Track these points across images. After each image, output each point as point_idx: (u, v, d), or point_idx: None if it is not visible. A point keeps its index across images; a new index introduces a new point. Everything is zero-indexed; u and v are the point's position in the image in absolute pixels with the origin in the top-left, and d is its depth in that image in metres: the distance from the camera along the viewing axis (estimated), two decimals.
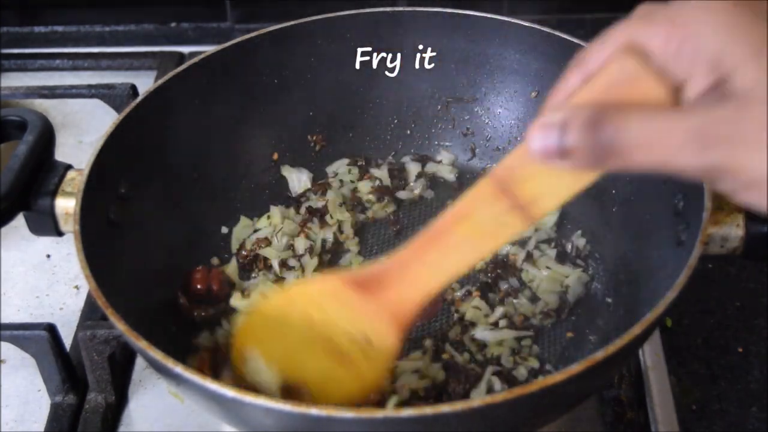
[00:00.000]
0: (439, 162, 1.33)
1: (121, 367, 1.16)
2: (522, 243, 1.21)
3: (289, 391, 0.94)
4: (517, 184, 0.81)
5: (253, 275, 1.21)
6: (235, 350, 0.98)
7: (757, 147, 0.65)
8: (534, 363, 1.09)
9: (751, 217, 0.98)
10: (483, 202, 0.84)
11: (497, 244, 0.88)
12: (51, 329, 1.10)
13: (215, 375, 1.02)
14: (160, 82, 1.17)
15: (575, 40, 1.19)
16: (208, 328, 1.14)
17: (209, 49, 1.23)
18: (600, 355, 0.84)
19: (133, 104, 1.13)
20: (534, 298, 1.16)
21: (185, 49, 1.70)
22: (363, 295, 0.92)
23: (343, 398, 0.92)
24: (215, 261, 1.23)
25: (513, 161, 0.82)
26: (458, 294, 1.16)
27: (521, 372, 1.08)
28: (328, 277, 0.97)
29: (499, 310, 1.14)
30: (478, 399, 0.80)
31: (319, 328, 0.94)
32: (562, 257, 1.19)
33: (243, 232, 1.25)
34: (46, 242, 1.32)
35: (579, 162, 0.72)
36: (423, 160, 1.33)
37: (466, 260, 0.89)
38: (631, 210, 1.15)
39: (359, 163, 1.32)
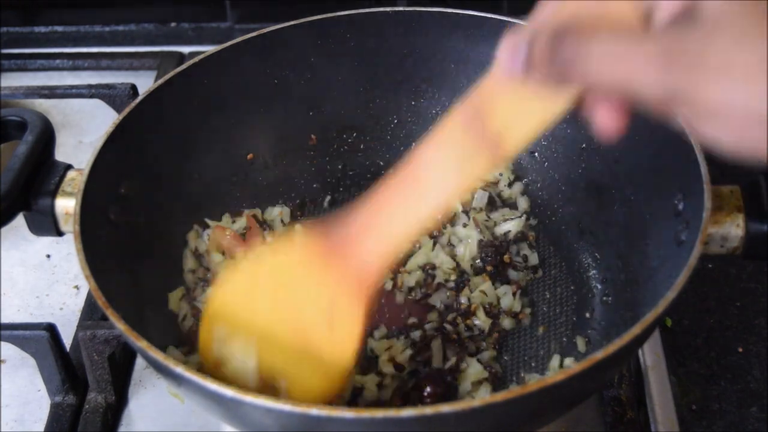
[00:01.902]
0: None
1: (121, 367, 1.16)
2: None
3: (265, 383, 0.91)
4: (485, 116, 0.79)
5: None
6: (203, 333, 0.95)
7: (718, 75, 0.64)
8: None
9: (751, 217, 0.98)
10: (450, 140, 0.82)
11: (463, 188, 0.84)
12: (51, 329, 1.10)
13: None
14: (160, 82, 1.17)
15: None
16: None
17: (209, 49, 1.23)
18: (600, 355, 0.84)
19: (133, 104, 1.13)
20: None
21: (185, 49, 1.70)
22: (328, 260, 0.88)
23: (315, 386, 0.91)
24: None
25: (481, 92, 0.80)
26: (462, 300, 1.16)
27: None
28: (295, 242, 0.93)
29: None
30: (478, 399, 0.80)
31: (285, 305, 0.91)
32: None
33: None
34: (46, 242, 1.33)
35: (542, 76, 0.72)
36: None
37: (429, 209, 0.85)
38: (631, 210, 1.15)
39: None
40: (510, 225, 1.22)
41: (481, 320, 1.13)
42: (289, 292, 0.91)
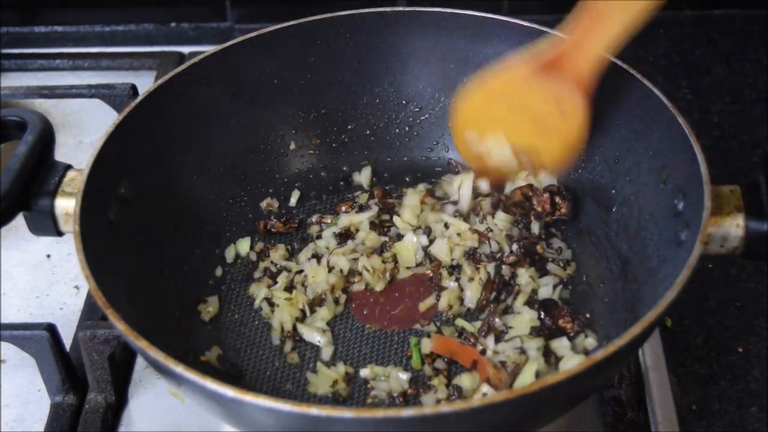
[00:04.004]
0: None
1: (121, 367, 1.16)
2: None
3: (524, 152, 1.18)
4: None
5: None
6: (457, 137, 1.22)
7: None
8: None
9: (751, 217, 0.98)
10: None
11: None
12: (51, 329, 1.10)
13: None
14: (160, 82, 1.17)
15: None
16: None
17: (209, 49, 1.23)
18: (600, 355, 0.84)
19: (133, 104, 1.13)
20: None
21: (185, 49, 1.70)
22: (546, 74, 1.11)
23: (559, 156, 1.17)
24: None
25: None
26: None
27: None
28: (512, 66, 1.14)
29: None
30: (478, 399, 0.80)
31: (520, 111, 1.15)
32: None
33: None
34: (46, 242, 1.32)
35: None
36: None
37: (627, 18, 1.05)
38: (631, 210, 1.15)
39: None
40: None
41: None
42: (521, 96, 1.14)
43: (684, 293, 0.89)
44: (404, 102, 1.34)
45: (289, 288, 1.19)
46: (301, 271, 1.21)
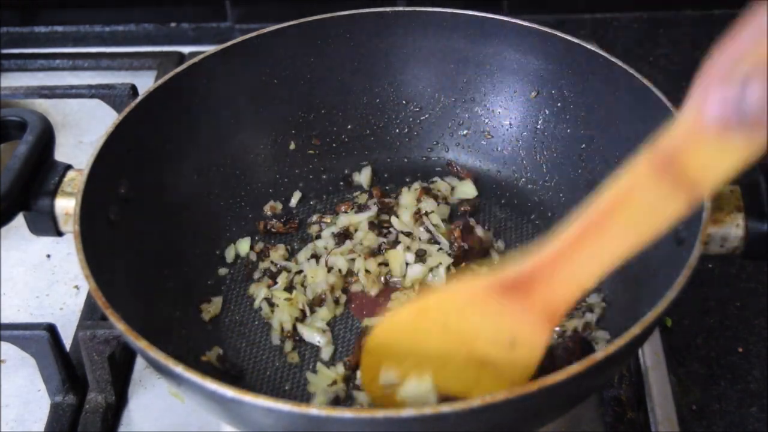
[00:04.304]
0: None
1: (121, 367, 1.16)
2: None
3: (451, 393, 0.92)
4: (681, 161, 0.77)
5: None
6: (365, 370, 0.99)
7: None
8: None
9: (751, 217, 0.98)
10: (641, 185, 0.81)
11: (656, 230, 0.83)
12: (51, 329, 1.10)
13: None
14: (160, 82, 1.17)
15: (575, 40, 1.19)
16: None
17: (209, 49, 1.23)
18: (600, 355, 0.84)
19: (133, 104, 1.13)
20: None
21: (185, 49, 1.70)
22: (508, 297, 0.89)
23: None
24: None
25: (676, 136, 0.78)
26: None
27: None
28: (467, 283, 0.94)
29: None
30: (478, 399, 0.80)
31: (457, 337, 0.92)
32: None
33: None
34: (46, 242, 1.32)
35: (759, 130, 0.70)
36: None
37: (622, 250, 0.85)
38: None
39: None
40: None
41: None
42: (457, 320, 0.92)
43: (684, 293, 0.89)
44: (404, 102, 1.34)
45: (289, 288, 1.19)
46: (300, 272, 1.21)
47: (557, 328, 1.11)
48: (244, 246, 1.24)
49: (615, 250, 0.85)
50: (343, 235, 1.24)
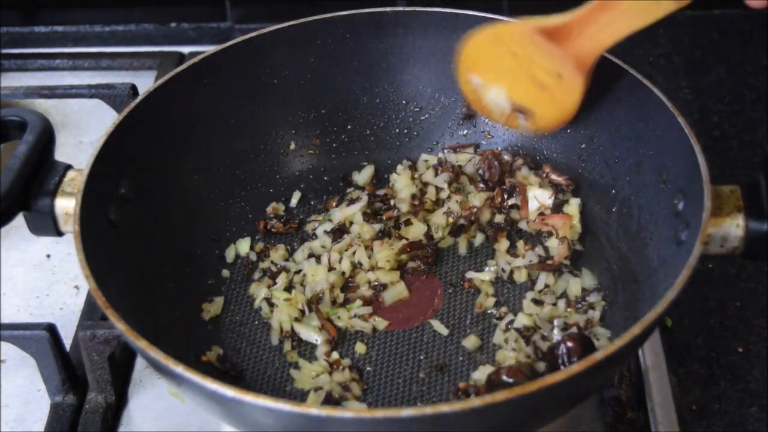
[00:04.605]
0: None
1: (121, 367, 1.16)
2: None
3: (518, 109, 1.20)
4: None
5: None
6: (462, 76, 1.22)
7: None
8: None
9: (751, 217, 0.98)
10: None
11: (656, 13, 1.05)
12: (51, 329, 1.10)
13: None
14: (160, 82, 1.17)
15: None
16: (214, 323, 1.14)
17: (209, 49, 1.23)
18: (600, 355, 0.84)
19: (133, 104, 1.13)
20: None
21: (185, 49, 1.70)
22: (550, 41, 1.13)
23: (550, 119, 1.19)
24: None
25: None
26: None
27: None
28: (522, 22, 1.16)
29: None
30: (478, 399, 0.80)
31: (521, 61, 1.16)
32: None
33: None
34: (46, 242, 1.32)
35: None
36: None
37: (631, 24, 1.07)
38: (631, 210, 1.15)
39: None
40: None
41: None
42: (525, 50, 1.15)
43: (684, 293, 0.89)
44: (404, 102, 1.34)
45: (289, 288, 1.19)
46: (299, 271, 1.21)
47: (559, 323, 1.11)
48: (244, 246, 1.24)
49: (626, 22, 1.08)
50: (339, 231, 1.24)
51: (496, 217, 1.24)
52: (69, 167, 1.07)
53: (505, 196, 1.25)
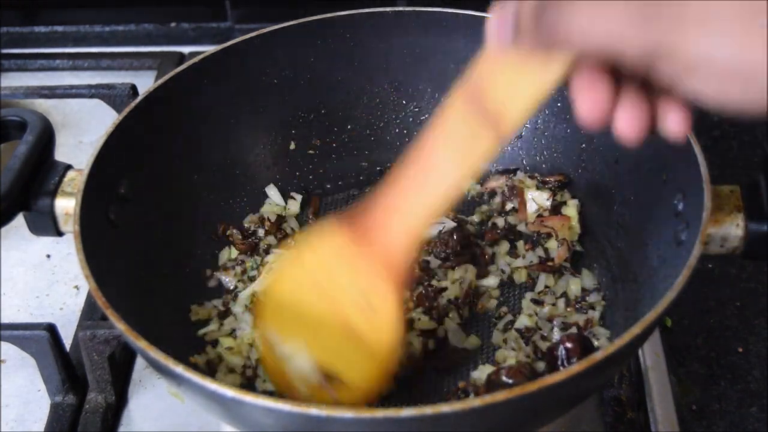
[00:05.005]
0: None
1: (121, 367, 1.16)
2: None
3: (326, 377, 0.95)
4: (484, 94, 0.82)
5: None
6: (262, 339, 1.02)
7: (696, 28, 0.65)
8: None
9: (751, 217, 0.98)
10: (455, 121, 0.85)
11: (474, 167, 0.87)
12: (51, 329, 1.10)
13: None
14: (160, 82, 1.17)
15: None
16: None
17: (209, 49, 1.23)
18: (600, 355, 0.84)
19: (133, 104, 1.13)
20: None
21: (185, 49, 1.70)
22: (357, 247, 0.93)
23: (367, 375, 0.95)
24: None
25: (477, 70, 0.83)
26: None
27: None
28: (320, 239, 0.97)
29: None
30: (478, 399, 0.80)
31: (329, 301, 0.95)
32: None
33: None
34: (46, 242, 1.33)
35: (530, 44, 0.74)
36: None
37: (444, 192, 0.89)
38: (631, 210, 1.15)
39: None
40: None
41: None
42: (327, 284, 0.95)
43: (684, 293, 0.89)
44: (404, 102, 1.34)
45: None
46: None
47: (559, 323, 1.11)
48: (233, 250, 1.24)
49: (437, 192, 0.89)
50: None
51: (497, 220, 1.24)
52: (69, 167, 1.07)
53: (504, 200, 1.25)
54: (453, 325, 1.12)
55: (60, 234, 1.06)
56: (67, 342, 1.18)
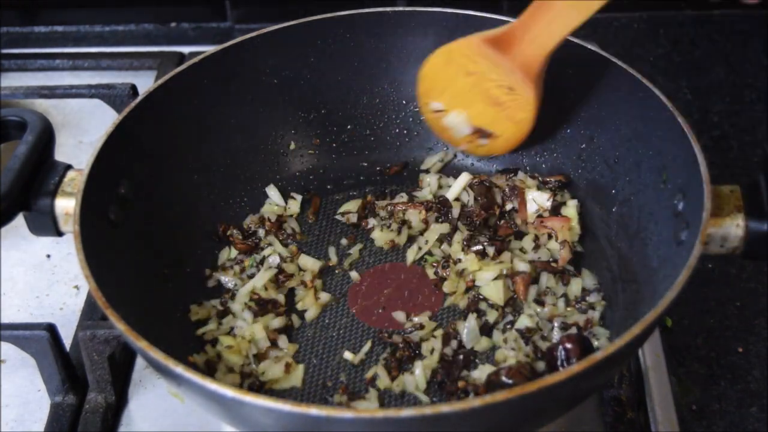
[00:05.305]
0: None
1: (121, 367, 1.16)
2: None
3: (478, 131, 1.24)
4: None
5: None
6: (421, 102, 1.27)
7: None
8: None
9: (751, 217, 0.98)
10: None
11: (593, 9, 1.09)
12: (51, 329, 1.10)
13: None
14: (160, 82, 1.17)
15: (575, 40, 1.19)
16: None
17: (209, 49, 1.23)
18: (600, 355, 0.84)
19: (133, 104, 1.13)
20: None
21: (185, 49, 1.70)
22: (499, 52, 1.16)
23: (509, 137, 1.22)
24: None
25: None
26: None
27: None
28: (470, 36, 1.18)
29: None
30: (478, 399, 0.80)
31: (477, 80, 1.19)
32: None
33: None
34: (46, 242, 1.33)
35: None
36: None
37: (572, 21, 1.10)
38: (631, 210, 1.15)
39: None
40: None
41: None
42: (474, 65, 1.18)
43: (684, 293, 0.89)
44: (404, 102, 1.34)
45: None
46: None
47: (559, 323, 1.11)
48: (233, 250, 1.24)
49: (564, 21, 1.11)
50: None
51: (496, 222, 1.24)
52: (69, 167, 1.07)
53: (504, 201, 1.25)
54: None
55: (60, 234, 1.06)
56: (67, 342, 1.19)
